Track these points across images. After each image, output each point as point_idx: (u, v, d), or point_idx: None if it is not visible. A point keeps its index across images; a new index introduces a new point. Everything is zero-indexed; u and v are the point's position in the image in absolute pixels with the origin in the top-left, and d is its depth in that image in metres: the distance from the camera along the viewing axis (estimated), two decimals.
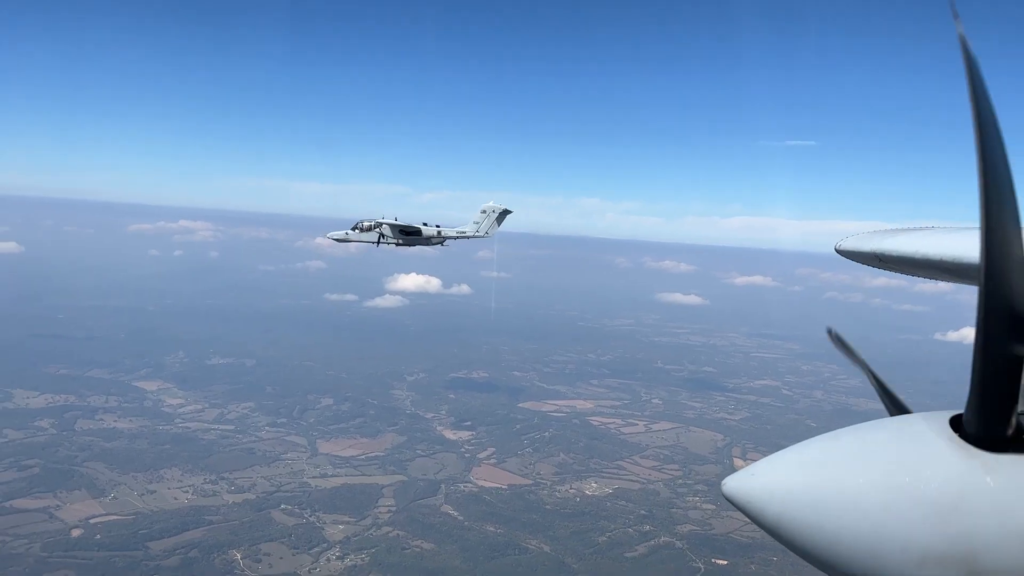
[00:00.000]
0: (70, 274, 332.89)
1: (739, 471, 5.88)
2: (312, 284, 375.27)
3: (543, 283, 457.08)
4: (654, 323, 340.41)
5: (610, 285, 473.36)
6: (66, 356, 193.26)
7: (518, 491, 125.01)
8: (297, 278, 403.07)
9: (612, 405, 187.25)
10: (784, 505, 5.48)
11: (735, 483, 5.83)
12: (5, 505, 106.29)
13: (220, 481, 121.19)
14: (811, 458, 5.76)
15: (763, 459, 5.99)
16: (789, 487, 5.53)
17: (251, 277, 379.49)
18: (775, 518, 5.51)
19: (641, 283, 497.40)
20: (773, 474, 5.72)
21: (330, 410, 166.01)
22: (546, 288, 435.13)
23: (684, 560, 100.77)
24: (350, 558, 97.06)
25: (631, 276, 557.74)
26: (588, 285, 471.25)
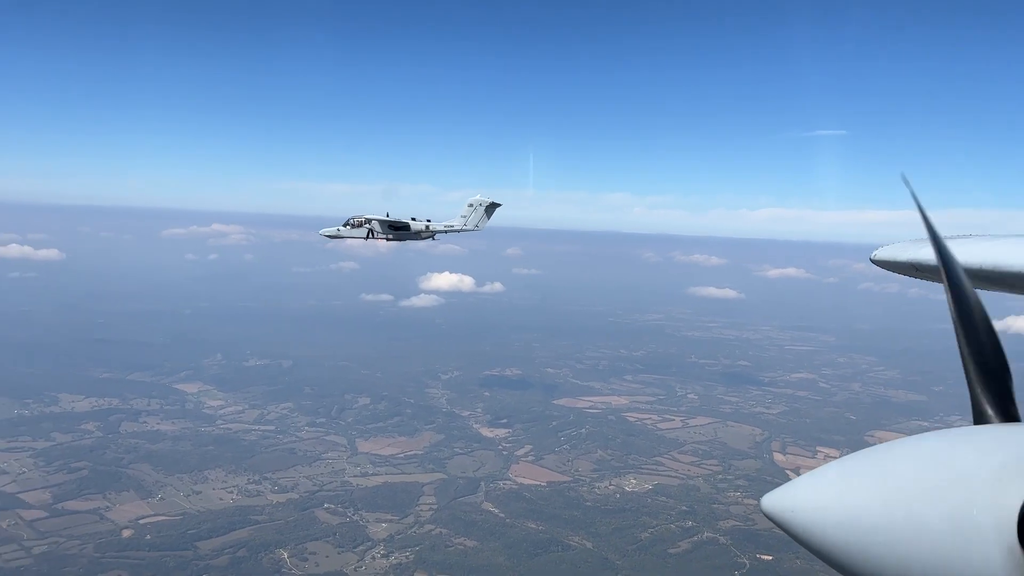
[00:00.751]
0: (108, 279, 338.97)
1: (778, 488, 5.68)
2: (346, 285, 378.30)
3: (572, 279, 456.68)
4: (685, 317, 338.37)
5: (639, 280, 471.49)
6: (108, 360, 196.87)
7: (557, 488, 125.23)
8: (331, 279, 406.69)
9: (647, 401, 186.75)
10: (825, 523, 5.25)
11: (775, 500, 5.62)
12: (57, 507, 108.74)
13: (263, 481, 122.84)
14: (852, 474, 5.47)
15: (804, 475, 5.75)
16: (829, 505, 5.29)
17: (285, 279, 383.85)
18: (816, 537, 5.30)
19: (671, 277, 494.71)
20: (815, 491, 5.47)
21: (367, 409, 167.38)
22: (575, 284, 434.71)
23: (728, 556, 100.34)
24: (395, 556, 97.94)
25: (661, 270, 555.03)
26: (617, 280, 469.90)
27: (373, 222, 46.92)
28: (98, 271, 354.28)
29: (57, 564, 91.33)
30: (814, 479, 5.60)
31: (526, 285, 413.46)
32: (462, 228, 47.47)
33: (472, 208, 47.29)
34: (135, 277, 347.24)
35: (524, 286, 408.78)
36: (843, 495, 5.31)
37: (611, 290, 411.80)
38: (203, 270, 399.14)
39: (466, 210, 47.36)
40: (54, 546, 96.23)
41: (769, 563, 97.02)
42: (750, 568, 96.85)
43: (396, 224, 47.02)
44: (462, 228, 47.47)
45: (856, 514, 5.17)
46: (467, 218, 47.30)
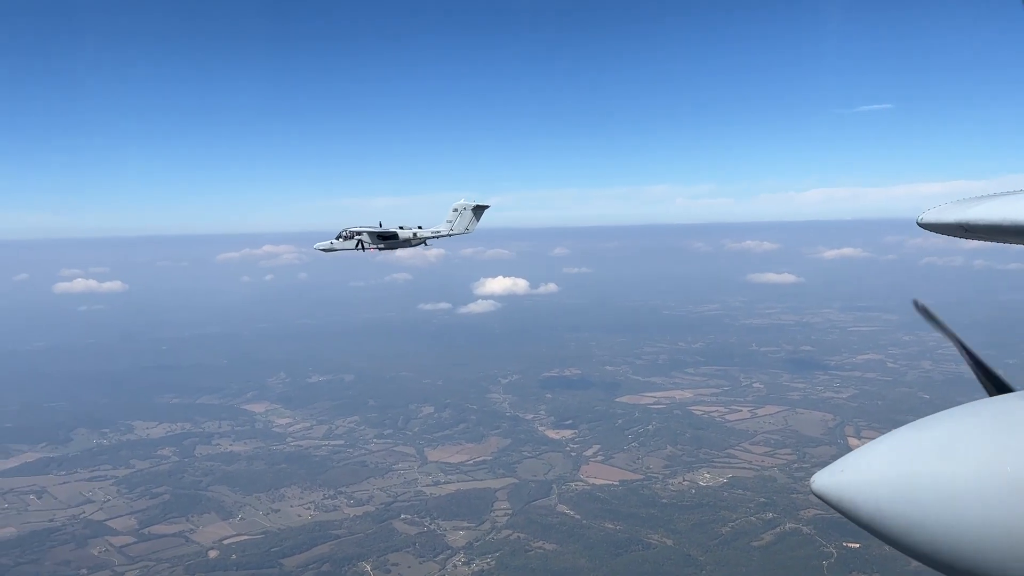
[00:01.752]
0: (169, 307, 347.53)
1: (826, 467, 5.75)
2: (401, 296, 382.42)
3: (623, 275, 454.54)
4: (741, 306, 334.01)
5: (691, 271, 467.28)
6: (176, 386, 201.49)
7: (631, 486, 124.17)
8: (386, 291, 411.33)
9: (712, 393, 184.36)
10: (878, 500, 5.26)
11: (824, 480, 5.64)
12: (143, 532, 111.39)
13: (339, 496, 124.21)
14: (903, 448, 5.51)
15: (851, 452, 5.81)
16: (882, 481, 5.31)
17: (341, 294, 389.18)
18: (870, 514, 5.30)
19: (724, 266, 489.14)
20: (864, 468, 5.51)
21: (432, 418, 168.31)
22: (626, 279, 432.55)
23: (814, 546, 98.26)
24: (476, 563, 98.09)
25: (712, 260, 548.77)
26: (668, 273, 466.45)
27: (363, 233, 47.55)
28: (158, 299, 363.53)
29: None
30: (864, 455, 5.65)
31: (578, 284, 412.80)
32: (449, 233, 47.69)
33: (457, 213, 47.54)
34: (194, 303, 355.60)
35: (576, 285, 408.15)
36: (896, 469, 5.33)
37: (663, 283, 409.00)
38: (259, 291, 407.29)
39: (451, 215, 47.59)
40: (145, 570, 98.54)
41: (857, 551, 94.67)
42: (838, 557, 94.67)
43: (384, 234, 47.59)
44: (449, 233, 47.69)
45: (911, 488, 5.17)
46: (452, 223, 47.55)
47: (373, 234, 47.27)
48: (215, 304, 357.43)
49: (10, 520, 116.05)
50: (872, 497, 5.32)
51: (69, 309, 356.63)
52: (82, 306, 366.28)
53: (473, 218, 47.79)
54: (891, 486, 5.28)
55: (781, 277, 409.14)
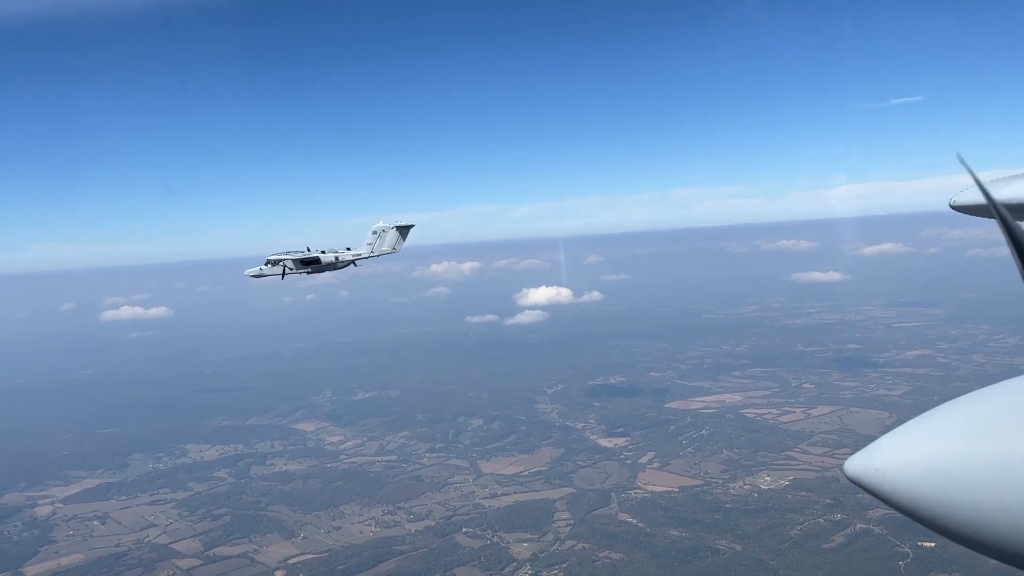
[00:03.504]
0: (210, 330, 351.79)
1: (859, 452, 5.64)
2: (442, 310, 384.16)
3: (659, 280, 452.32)
4: (780, 306, 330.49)
5: (726, 273, 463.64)
6: (225, 408, 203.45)
7: (691, 492, 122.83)
8: (427, 306, 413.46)
9: (762, 395, 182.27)
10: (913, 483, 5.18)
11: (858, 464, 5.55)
12: (208, 554, 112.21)
13: (397, 511, 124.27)
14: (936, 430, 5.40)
15: (884, 435, 5.74)
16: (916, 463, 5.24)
17: (383, 311, 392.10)
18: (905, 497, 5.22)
19: (760, 266, 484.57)
20: (898, 451, 5.43)
21: (482, 430, 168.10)
22: (663, 284, 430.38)
23: (887, 547, 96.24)
24: (543, 575, 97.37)
25: (748, 261, 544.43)
26: (703, 276, 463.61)
27: (286, 259, 47.67)
28: (201, 323, 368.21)
29: None
30: (897, 437, 5.59)
31: (618, 291, 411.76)
32: (370, 255, 48.02)
33: (376, 235, 47.97)
34: (235, 325, 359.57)
35: (616, 293, 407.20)
36: (930, 450, 5.27)
37: (699, 286, 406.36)
38: (301, 311, 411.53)
39: (371, 237, 48.07)
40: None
41: (932, 550, 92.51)
42: (914, 558, 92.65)
43: (306, 259, 47.82)
44: (370, 255, 48.02)
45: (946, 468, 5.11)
46: (373, 245, 47.93)
47: (296, 260, 47.64)
48: (255, 325, 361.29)
49: (77, 547, 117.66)
50: (907, 480, 5.25)
51: (119, 336, 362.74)
52: (132, 333, 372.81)
53: (399, 238, 48.20)
54: (925, 468, 5.21)
55: (827, 275, 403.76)
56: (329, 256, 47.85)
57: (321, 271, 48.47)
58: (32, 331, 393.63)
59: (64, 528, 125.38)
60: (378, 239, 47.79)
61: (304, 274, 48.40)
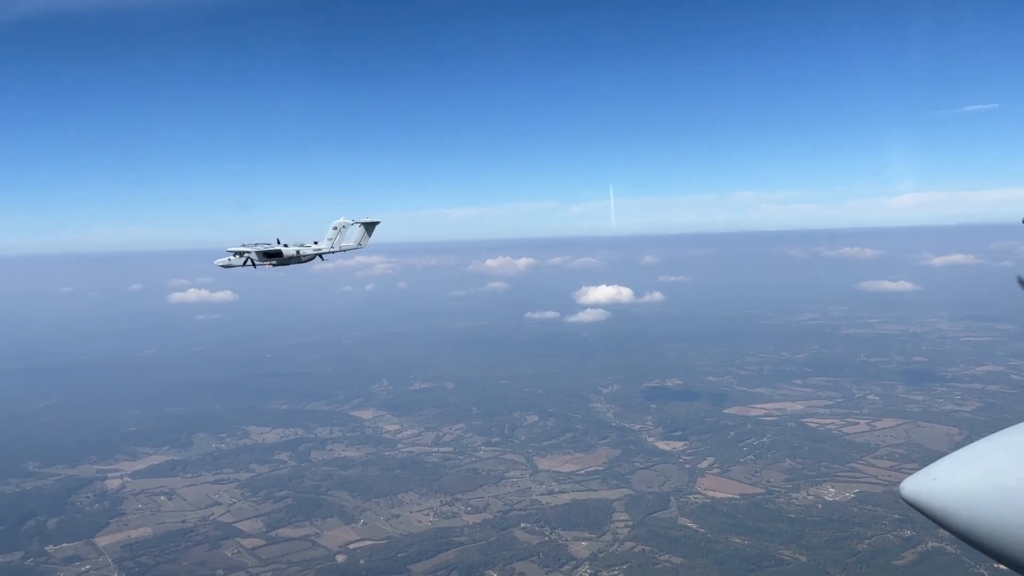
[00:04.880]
0: (270, 316, 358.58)
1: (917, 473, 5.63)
2: (499, 305, 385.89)
3: (716, 283, 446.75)
4: (842, 315, 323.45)
5: (786, 278, 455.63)
6: (285, 392, 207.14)
7: (753, 500, 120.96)
8: (484, 301, 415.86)
9: (824, 405, 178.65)
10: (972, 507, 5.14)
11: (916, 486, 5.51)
12: (271, 534, 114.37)
13: (455, 503, 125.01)
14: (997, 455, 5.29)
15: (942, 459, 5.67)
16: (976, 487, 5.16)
17: (440, 304, 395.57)
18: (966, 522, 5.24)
19: (822, 273, 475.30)
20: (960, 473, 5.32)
21: (538, 427, 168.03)
22: (720, 287, 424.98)
23: (961, 567, 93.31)
24: (603, 575, 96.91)
25: (809, 267, 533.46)
26: (762, 280, 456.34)
27: (250, 252, 48.18)
28: (263, 308, 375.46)
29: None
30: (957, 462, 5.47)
31: (675, 293, 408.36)
32: (331, 249, 48.21)
33: (336, 231, 48.21)
34: (295, 312, 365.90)
35: (674, 294, 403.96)
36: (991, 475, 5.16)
37: (758, 291, 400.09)
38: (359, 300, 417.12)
39: (331, 232, 48.33)
40: (278, 572, 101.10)
41: (1009, 572, 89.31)
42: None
43: (269, 252, 48.19)
44: (331, 249, 48.21)
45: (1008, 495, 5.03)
46: (333, 240, 48.15)
47: (260, 253, 48.17)
48: (315, 313, 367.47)
49: (145, 520, 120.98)
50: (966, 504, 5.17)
51: (187, 318, 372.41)
52: (200, 315, 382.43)
53: (364, 234, 48.49)
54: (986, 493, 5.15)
55: (897, 285, 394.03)
56: (291, 250, 48.31)
57: (286, 263, 48.85)
58: (102, 310, 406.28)
59: (133, 502, 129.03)
60: (338, 234, 48.24)
61: (271, 266, 48.81)
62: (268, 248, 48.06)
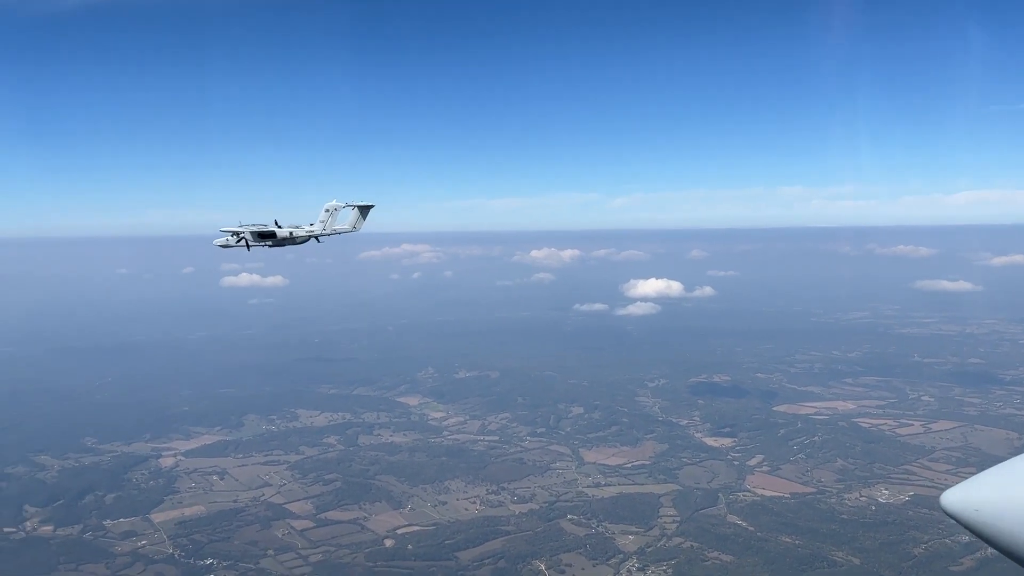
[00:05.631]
0: (318, 301, 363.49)
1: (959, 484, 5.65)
2: (545, 296, 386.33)
3: (766, 278, 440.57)
4: (894, 314, 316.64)
5: (837, 275, 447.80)
6: (332, 377, 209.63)
7: (803, 500, 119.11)
8: (531, 291, 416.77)
9: (877, 405, 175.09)
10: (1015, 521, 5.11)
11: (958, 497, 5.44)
12: (321, 517, 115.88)
13: (501, 492, 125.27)
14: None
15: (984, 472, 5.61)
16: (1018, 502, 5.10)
17: (485, 293, 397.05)
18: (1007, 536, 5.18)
19: (875, 271, 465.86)
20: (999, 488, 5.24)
21: (583, 419, 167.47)
22: (767, 283, 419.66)
23: None
24: (651, 570, 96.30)
25: (860, 265, 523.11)
26: (812, 277, 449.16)
27: (245, 232, 48.36)
28: (311, 294, 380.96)
29: (336, 572, 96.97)
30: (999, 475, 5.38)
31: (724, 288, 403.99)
32: (323, 232, 48.35)
33: (328, 213, 48.24)
34: (343, 298, 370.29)
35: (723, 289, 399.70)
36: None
37: (807, 288, 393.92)
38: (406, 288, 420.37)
39: (323, 215, 48.30)
40: (327, 554, 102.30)
41: None
42: None
43: (262, 232, 48.32)
44: (323, 232, 48.35)
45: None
46: (325, 223, 48.23)
47: (254, 233, 48.42)
48: (362, 300, 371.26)
49: (198, 498, 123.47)
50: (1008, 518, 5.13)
51: (240, 302, 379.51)
52: (253, 299, 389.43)
53: (360, 217, 48.57)
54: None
55: (956, 285, 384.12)
56: (284, 231, 48.56)
57: (281, 244, 49.16)
58: (156, 292, 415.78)
59: (186, 480, 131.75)
60: (330, 217, 48.41)
61: (267, 247, 49.11)
62: (263, 229, 48.36)
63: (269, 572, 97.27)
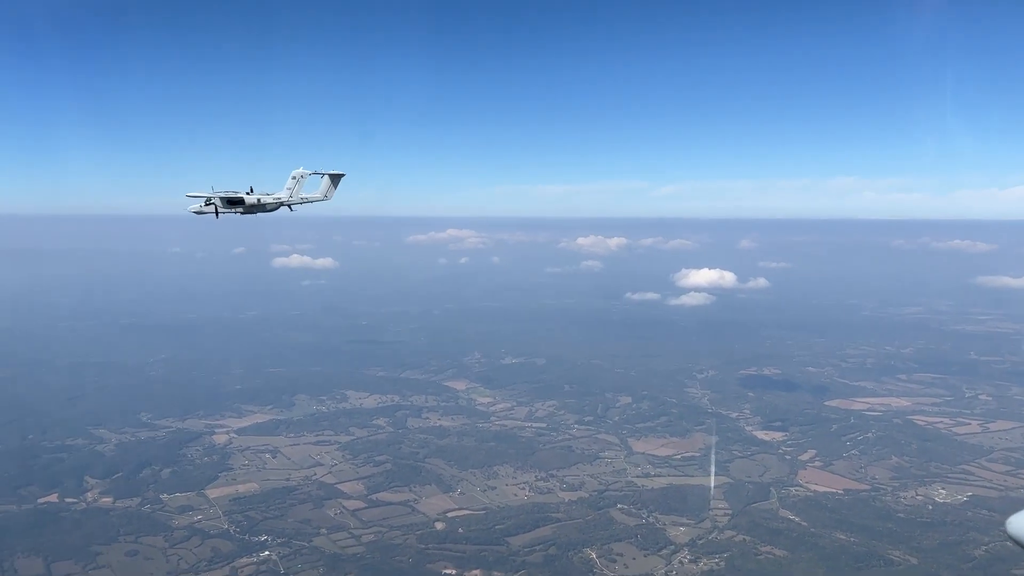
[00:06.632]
0: (366, 284, 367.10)
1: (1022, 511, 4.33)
2: (593, 284, 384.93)
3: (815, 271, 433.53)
4: (949, 310, 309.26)
5: (890, 270, 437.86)
6: (381, 359, 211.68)
7: (858, 497, 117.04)
8: (579, 279, 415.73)
9: (932, 402, 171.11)
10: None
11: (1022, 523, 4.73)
12: (372, 498, 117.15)
13: (550, 479, 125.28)
14: None
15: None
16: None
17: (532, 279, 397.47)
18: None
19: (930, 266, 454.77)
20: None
21: (631, 408, 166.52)
22: (819, 276, 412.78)
23: None
24: (703, 562, 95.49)
25: (915, 259, 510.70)
26: (862, 270, 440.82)
27: (216, 198, 47.91)
28: (359, 276, 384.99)
29: (388, 553, 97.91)
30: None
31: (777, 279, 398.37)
32: (293, 200, 47.76)
33: (295, 180, 47.58)
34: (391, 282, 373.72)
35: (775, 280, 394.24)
36: None
37: (859, 281, 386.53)
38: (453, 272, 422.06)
39: (289, 182, 47.73)
40: (379, 535, 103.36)
41: None
42: None
43: (231, 199, 47.81)
44: (293, 200, 47.76)
45: None
46: (292, 190, 47.65)
47: (224, 199, 48.02)
48: (409, 284, 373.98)
49: (252, 476, 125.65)
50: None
51: (293, 282, 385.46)
52: (305, 281, 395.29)
53: (331, 186, 48.14)
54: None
55: (1019, 281, 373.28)
56: (252, 198, 47.92)
57: (252, 211, 48.56)
58: (208, 270, 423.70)
59: (240, 457, 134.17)
60: (297, 184, 47.82)
61: (237, 213, 48.66)
62: (232, 195, 48.27)
63: (322, 550, 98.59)
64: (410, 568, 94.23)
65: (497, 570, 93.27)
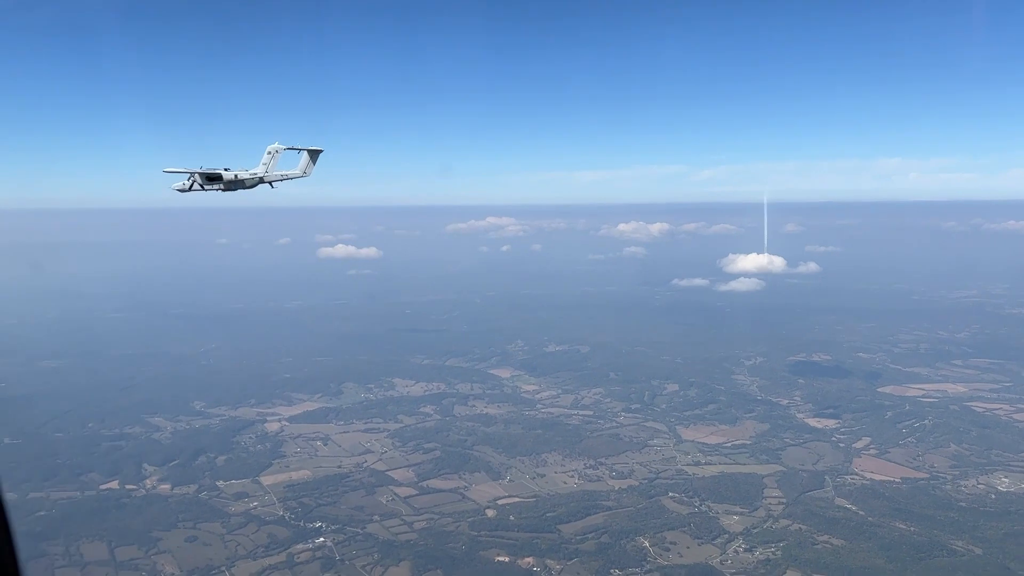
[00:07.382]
0: (408, 273, 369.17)
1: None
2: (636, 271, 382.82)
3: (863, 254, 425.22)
4: (1004, 293, 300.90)
5: (941, 253, 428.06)
6: (425, 347, 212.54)
7: (916, 485, 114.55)
8: (623, 265, 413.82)
9: (991, 388, 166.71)
10: None
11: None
12: (422, 485, 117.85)
13: (599, 467, 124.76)
14: None
15: None
16: None
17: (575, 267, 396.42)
18: None
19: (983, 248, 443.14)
20: None
21: (678, 396, 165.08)
22: (867, 259, 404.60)
23: None
24: (759, 551, 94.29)
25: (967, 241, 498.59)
26: (912, 253, 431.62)
27: (195, 175, 47.56)
28: (401, 265, 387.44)
29: (441, 540, 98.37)
30: None
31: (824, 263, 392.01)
32: (270, 176, 47.14)
33: (271, 155, 46.94)
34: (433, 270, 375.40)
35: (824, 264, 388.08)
36: None
37: (909, 264, 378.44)
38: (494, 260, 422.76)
39: (265, 157, 47.11)
40: (431, 522, 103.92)
41: None
42: None
43: (210, 175, 47.42)
44: (270, 176, 47.14)
45: None
46: (268, 165, 47.04)
47: (203, 175, 47.71)
48: (451, 272, 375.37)
49: (304, 463, 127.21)
50: None
51: (338, 272, 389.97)
52: (351, 270, 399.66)
53: (309, 162, 47.34)
54: None
55: None
56: (230, 174, 47.57)
57: (232, 188, 48.09)
58: (254, 261, 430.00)
59: (292, 445, 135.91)
60: (272, 159, 47.29)
61: (218, 190, 48.26)
62: (211, 172, 47.89)
63: (376, 537, 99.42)
64: (463, 555, 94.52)
65: (550, 558, 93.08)
